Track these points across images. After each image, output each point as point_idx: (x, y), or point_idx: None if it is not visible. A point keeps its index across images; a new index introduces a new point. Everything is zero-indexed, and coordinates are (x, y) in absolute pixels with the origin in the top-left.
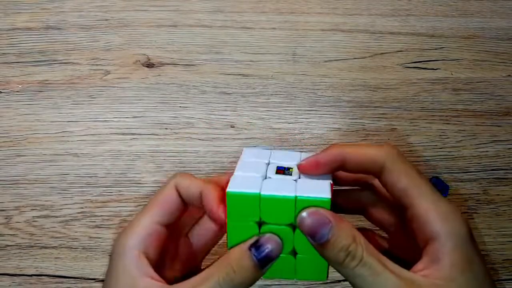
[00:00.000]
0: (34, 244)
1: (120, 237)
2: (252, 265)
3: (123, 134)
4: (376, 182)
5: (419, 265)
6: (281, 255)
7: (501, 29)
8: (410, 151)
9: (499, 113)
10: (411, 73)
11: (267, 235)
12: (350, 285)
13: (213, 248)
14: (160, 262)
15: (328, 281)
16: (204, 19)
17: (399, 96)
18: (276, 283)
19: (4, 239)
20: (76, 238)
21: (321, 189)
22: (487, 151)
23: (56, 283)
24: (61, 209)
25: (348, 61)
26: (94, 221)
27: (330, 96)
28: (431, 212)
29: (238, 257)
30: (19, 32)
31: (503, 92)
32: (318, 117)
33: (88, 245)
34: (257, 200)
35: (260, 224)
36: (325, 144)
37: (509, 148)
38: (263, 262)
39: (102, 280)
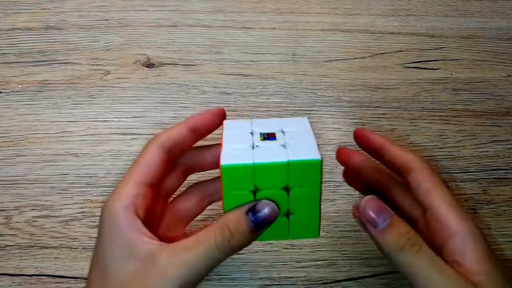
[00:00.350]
0: (34, 244)
1: (109, 203)
2: (249, 229)
3: (123, 134)
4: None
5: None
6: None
7: (501, 29)
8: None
9: (499, 113)
10: (411, 73)
11: (264, 200)
12: (350, 286)
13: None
14: (147, 224)
15: (328, 281)
16: (204, 19)
17: (399, 96)
18: (276, 283)
19: (4, 239)
20: (76, 238)
21: (310, 150)
22: (487, 151)
23: (56, 283)
24: (61, 209)
25: (348, 61)
26: (94, 221)
27: (330, 96)
28: (451, 213)
29: (235, 221)
30: (19, 32)
31: (503, 92)
32: (318, 117)
33: (88, 245)
34: (252, 169)
35: (255, 191)
36: (325, 144)
37: (509, 148)
38: (259, 227)
39: None
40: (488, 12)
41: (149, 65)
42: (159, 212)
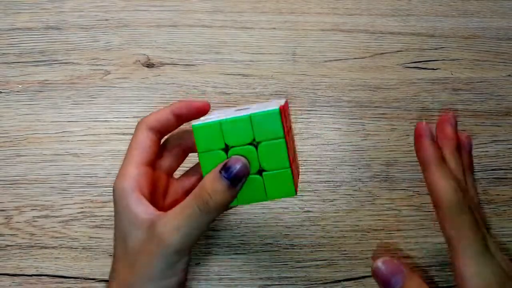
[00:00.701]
0: (34, 244)
1: (116, 184)
2: (225, 186)
3: (123, 134)
4: None
5: None
6: (249, 175)
7: (501, 29)
8: (410, 151)
9: (499, 113)
10: (411, 73)
11: (233, 156)
12: (350, 286)
13: None
14: (152, 198)
15: (328, 281)
16: (204, 19)
17: (399, 96)
18: (276, 283)
19: (4, 239)
20: (76, 238)
21: (272, 106)
22: (487, 151)
23: (56, 283)
24: (61, 209)
25: (348, 61)
26: (94, 221)
27: (330, 96)
28: (467, 271)
29: (211, 182)
30: (19, 32)
31: (503, 92)
32: (318, 117)
33: (88, 245)
34: (219, 126)
35: (226, 150)
36: (325, 144)
37: (509, 148)
38: (234, 182)
39: (102, 280)
40: (488, 12)
41: (149, 65)
42: (163, 187)
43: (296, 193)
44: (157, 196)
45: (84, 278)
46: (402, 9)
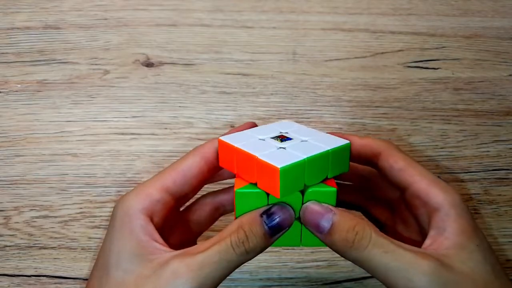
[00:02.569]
0: (33, 244)
1: (128, 198)
2: (263, 232)
3: (123, 134)
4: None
5: (427, 242)
6: None
7: (503, 28)
8: (411, 151)
9: (500, 112)
10: (412, 72)
11: (279, 204)
12: (350, 286)
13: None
14: (160, 232)
15: (329, 282)
16: (203, 18)
17: (400, 95)
18: (277, 284)
19: (3, 239)
20: (75, 239)
21: (333, 139)
22: (488, 151)
23: (55, 283)
24: (60, 209)
25: (348, 60)
26: (93, 222)
27: (331, 96)
28: (432, 186)
29: (250, 223)
30: (17, 31)
31: (505, 92)
32: (318, 117)
33: (87, 246)
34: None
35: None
36: None
37: (511, 148)
38: (274, 231)
39: None
40: (489, 11)
41: (149, 64)
42: (172, 222)
43: None
44: (166, 232)
45: (83, 279)
46: (403, 8)
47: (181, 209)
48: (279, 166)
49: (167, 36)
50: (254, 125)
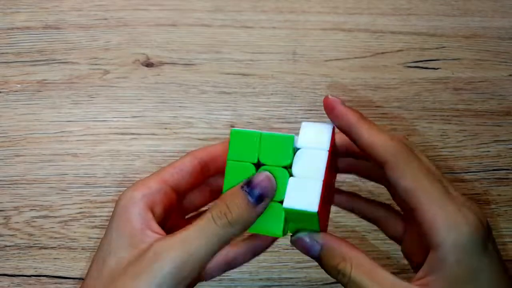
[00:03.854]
0: (33, 244)
1: (129, 190)
2: (246, 202)
3: (122, 134)
4: None
5: (420, 273)
6: (272, 203)
7: (502, 28)
8: None
9: (500, 112)
10: (412, 72)
11: (261, 172)
12: None
13: None
14: (161, 223)
15: (329, 281)
16: (203, 18)
17: (400, 95)
18: (276, 284)
19: (3, 239)
20: (75, 239)
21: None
22: (488, 151)
23: (55, 283)
24: (60, 209)
25: (348, 60)
26: (93, 222)
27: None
28: (437, 219)
29: (231, 195)
30: (18, 31)
31: (504, 92)
32: (318, 117)
33: (87, 246)
34: (258, 137)
35: (258, 167)
36: None
37: (511, 148)
38: (257, 198)
39: None
40: (489, 11)
41: (149, 64)
42: (177, 219)
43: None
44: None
45: (83, 279)
46: (402, 8)
47: (187, 217)
48: (232, 128)
49: (167, 36)
50: None
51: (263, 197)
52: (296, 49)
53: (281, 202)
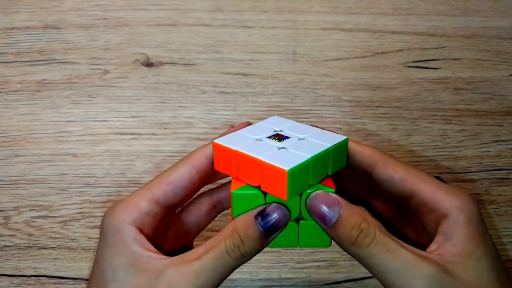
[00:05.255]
0: (33, 244)
1: (117, 211)
2: (258, 234)
3: (122, 134)
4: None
5: (432, 246)
6: None
7: (503, 28)
8: (411, 151)
9: (500, 112)
10: (412, 72)
11: (274, 204)
12: (350, 287)
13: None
14: (152, 240)
15: (329, 282)
16: (203, 18)
17: (400, 95)
18: (277, 284)
19: (3, 239)
20: (75, 239)
21: (331, 136)
22: (488, 151)
23: (55, 283)
24: (59, 209)
25: (348, 60)
26: (93, 222)
27: (331, 96)
28: (439, 191)
29: (244, 226)
30: (17, 31)
31: (505, 92)
32: (318, 117)
33: (87, 246)
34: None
35: (265, 193)
36: None
37: (511, 148)
38: (269, 232)
39: None
40: (489, 11)
41: (148, 64)
42: (165, 226)
43: (330, 245)
44: (158, 237)
45: (83, 279)
46: (403, 8)
47: (177, 211)
48: (286, 169)
49: (167, 36)
50: (250, 124)
51: (276, 230)
52: (296, 49)
53: (295, 220)
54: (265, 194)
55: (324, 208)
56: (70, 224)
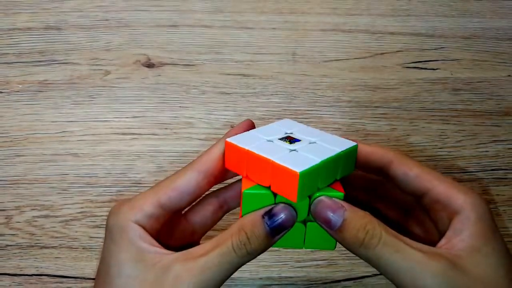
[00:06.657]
0: (34, 244)
1: (122, 210)
2: (265, 233)
3: (123, 134)
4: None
5: (442, 241)
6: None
7: (501, 29)
8: (410, 151)
9: (499, 113)
10: (411, 73)
11: (281, 204)
12: (350, 286)
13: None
14: (157, 239)
15: (328, 281)
16: (204, 19)
17: (399, 96)
18: (276, 283)
19: (4, 239)
20: (76, 238)
21: (338, 141)
22: (487, 151)
23: (56, 283)
24: (61, 209)
25: (348, 61)
26: (94, 221)
27: (330, 96)
28: (452, 189)
29: (252, 224)
30: (19, 32)
31: (503, 92)
32: (318, 117)
33: (88, 245)
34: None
35: (275, 194)
36: None
37: (509, 148)
38: (276, 231)
39: None
40: (488, 12)
41: (149, 65)
42: (170, 226)
43: (335, 248)
44: (164, 236)
45: (84, 278)
46: (402, 9)
47: (183, 211)
48: (298, 171)
49: (168, 37)
50: (251, 123)
51: (283, 230)
52: (296, 49)
53: (302, 221)
54: (275, 194)
55: (329, 213)
56: (72, 223)
